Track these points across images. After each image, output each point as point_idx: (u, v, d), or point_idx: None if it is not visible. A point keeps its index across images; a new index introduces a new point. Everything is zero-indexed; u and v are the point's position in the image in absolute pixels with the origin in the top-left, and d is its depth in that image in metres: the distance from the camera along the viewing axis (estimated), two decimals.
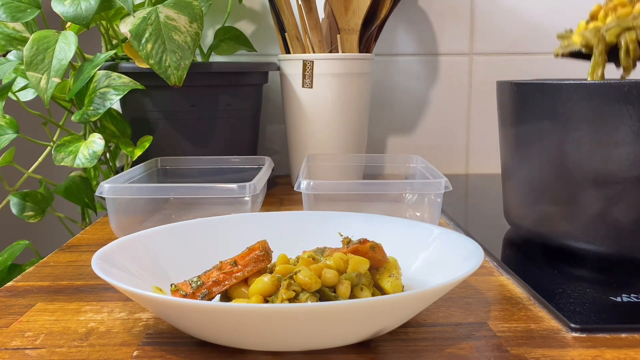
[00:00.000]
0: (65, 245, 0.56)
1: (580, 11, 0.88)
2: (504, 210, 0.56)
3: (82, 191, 0.75)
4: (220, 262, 0.38)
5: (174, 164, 0.71)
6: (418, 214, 0.57)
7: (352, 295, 0.36)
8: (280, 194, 0.76)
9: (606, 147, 0.44)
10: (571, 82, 0.45)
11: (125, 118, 0.72)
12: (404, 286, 0.39)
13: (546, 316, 0.39)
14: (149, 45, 0.62)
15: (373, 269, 0.39)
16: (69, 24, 0.71)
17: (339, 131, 0.75)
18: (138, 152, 0.68)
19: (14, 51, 0.72)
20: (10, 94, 0.70)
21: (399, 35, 0.89)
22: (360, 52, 0.77)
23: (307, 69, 0.73)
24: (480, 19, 0.89)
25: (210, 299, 0.37)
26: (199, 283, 0.37)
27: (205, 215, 0.48)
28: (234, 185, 0.54)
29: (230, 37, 0.83)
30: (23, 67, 0.65)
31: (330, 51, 0.78)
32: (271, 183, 0.83)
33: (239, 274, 0.37)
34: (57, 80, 0.63)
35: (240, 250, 0.38)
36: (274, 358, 0.33)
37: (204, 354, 0.34)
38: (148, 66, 0.63)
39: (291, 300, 0.34)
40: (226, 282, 0.37)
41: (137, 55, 0.67)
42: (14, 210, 0.71)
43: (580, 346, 0.34)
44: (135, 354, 0.34)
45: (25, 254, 0.73)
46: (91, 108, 0.64)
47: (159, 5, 0.65)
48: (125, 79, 0.65)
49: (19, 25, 0.71)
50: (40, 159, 0.71)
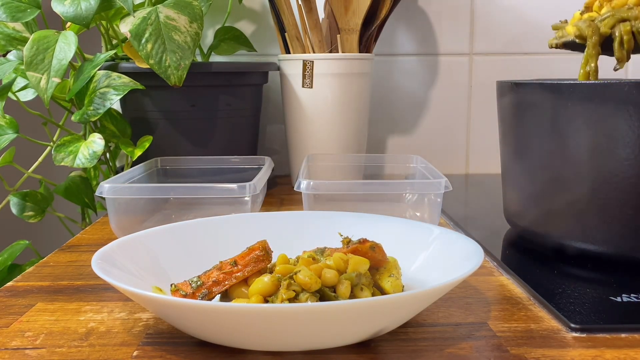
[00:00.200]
0: (65, 245, 0.56)
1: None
2: (504, 210, 0.56)
3: (82, 191, 0.75)
4: (220, 262, 0.38)
5: (174, 164, 0.71)
6: (418, 214, 0.57)
7: (352, 295, 0.36)
8: (280, 194, 0.76)
9: (606, 147, 0.44)
10: (571, 82, 0.45)
11: (125, 118, 0.72)
12: (404, 286, 0.39)
13: (546, 316, 0.39)
14: (149, 45, 0.62)
15: (373, 269, 0.39)
16: (69, 24, 0.71)
17: (339, 131, 0.75)
18: (138, 152, 0.68)
19: (14, 51, 0.72)
20: (10, 94, 0.70)
21: (399, 35, 0.89)
22: (360, 52, 0.77)
23: (307, 69, 0.73)
24: (480, 19, 0.89)
25: (210, 299, 0.37)
26: (199, 283, 0.37)
27: (205, 215, 0.48)
28: (234, 185, 0.54)
29: (230, 37, 0.83)
30: (23, 67, 0.65)
31: (330, 51, 0.78)
32: (271, 183, 0.83)
33: (239, 274, 0.37)
34: (57, 80, 0.63)
35: (240, 250, 0.38)
36: (274, 358, 0.33)
37: (204, 354, 0.34)
38: (148, 66, 0.63)
39: (291, 300, 0.34)
40: (226, 282, 0.37)
41: (137, 55, 0.67)
42: (14, 210, 0.71)
43: (580, 346, 0.34)
44: (135, 354, 0.34)
45: (25, 254, 0.73)
46: (91, 108, 0.64)
47: (159, 5, 0.65)
48: (125, 79, 0.65)
49: (19, 25, 0.71)
50: (40, 159, 0.71)
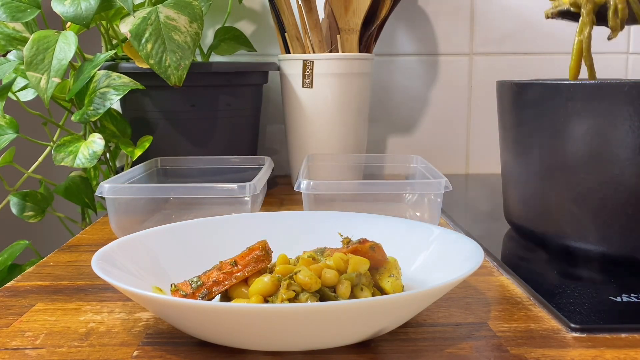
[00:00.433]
0: (65, 245, 0.56)
1: None
2: (504, 210, 0.56)
3: (82, 191, 0.75)
4: (220, 262, 0.38)
5: (174, 164, 0.71)
6: (418, 214, 0.57)
7: (352, 295, 0.36)
8: (280, 194, 0.76)
9: (606, 147, 0.44)
10: (571, 82, 0.45)
11: (125, 118, 0.72)
12: (404, 286, 0.39)
13: (546, 316, 0.39)
14: (149, 45, 0.62)
15: (373, 269, 0.39)
16: (69, 24, 0.71)
17: (339, 131, 0.75)
18: (138, 152, 0.68)
19: (14, 51, 0.72)
20: (10, 94, 0.70)
21: (399, 35, 0.89)
22: (360, 52, 0.77)
23: (307, 69, 0.73)
24: (480, 19, 0.89)
25: (210, 299, 0.37)
26: (199, 283, 0.37)
27: (205, 215, 0.48)
28: (234, 185, 0.54)
29: (230, 37, 0.83)
30: (23, 67, 0.65)
31: (330, 51, 0.78)
32: (271, 183, 0.83)
33: (239, 274, 0.37)
34: (57, 80, 0.63)
35: (240, 250, 0.38)
36: (274, 358, 0.33)
37: (204, 354, 0.34)
38: (148, 66, 0.63)
39: (291, 300, 0.34)
40: (226, 282, 0.37)
41: (137, 55, 0.67)
42: (14, 210, 0.71)
43: (580, 346, 0.34)
44: (135, 354, 0.34)
45: (25, 254, 0.73)
46: (91, 108, 0.64)
47: (159, 5, 0.65)
48: (125, 79, 0.65)
49: (19, 25, 0.71)
50: (40, 159, 0.71)
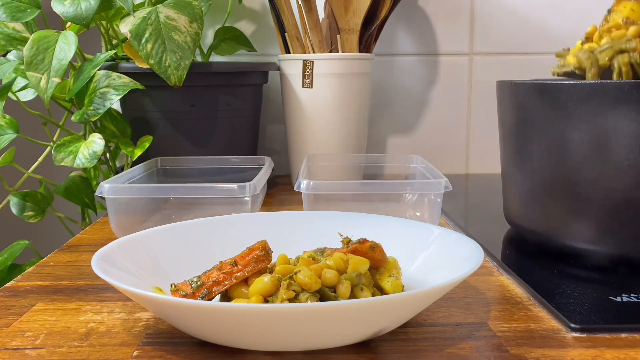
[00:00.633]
0: (65, 245, 0.56)
1: (580, 11, 0.88)
2: (504, 210, 0.56)
3: (82, 191, 0.75)
4: (220, 262, 0.38)
5: (174, 164, 0.71)
6: (418, 214, 0.57)
7: (352, 295, 0.36)
8: (280, 194, 0.76)
9: (606, 147, 0.44)
10: (571, 82, 0.45)
11: (125, 118, 0.72)
12: (404, 286, 0.39)
13: (546, 316, 0.39)
14: (149, 45, 0.62)
15: (373, 269, 0.39)
16: (69, 24, 0.71)
17: (339, 131, 0.75)
18: (138, 152, 0.68)
19: (14, 51, 0.72)
20: (10, 94, 0.70)
21: (399, 35, 0.89)
22: (360, 52, 0.77)
23: (307, 69, 0.73)
24: (480, 19, 0.89)
25: (210, 299, 0.37)
26: (199, 283, 0.37)
27: (205, 215, 0.48)
28: (234, 185, 0.54)
29: (230, 37, 0.83)
30: (23, 67, 0.65)
31: (330, 51, 0.78)
32: (271, 183, 0.83)
33: (239, 274, 0.37)
34: (57, 80, 0.63)
35: (240, 250, 0.38)
36: (274, 358, 0.33)
37: (204, 354, 0.34)
38: (148, 66, 0.63)
39: (291, 300, 0.34)
40: (226, 282, 0.37)
41: (137, 55, 0.67)
42: (14, 210, 0.71)
43: (580, 346, 0.34)
44: (135, 354, 0.34)
45: (25, 254, 0.73)
46: (91, 108, 0.64)
47: (159, 5, 0.65)
48: (125, 79, 0.65)
49: (19, 25, 0.71)
50: (40, 159, 0.71)
